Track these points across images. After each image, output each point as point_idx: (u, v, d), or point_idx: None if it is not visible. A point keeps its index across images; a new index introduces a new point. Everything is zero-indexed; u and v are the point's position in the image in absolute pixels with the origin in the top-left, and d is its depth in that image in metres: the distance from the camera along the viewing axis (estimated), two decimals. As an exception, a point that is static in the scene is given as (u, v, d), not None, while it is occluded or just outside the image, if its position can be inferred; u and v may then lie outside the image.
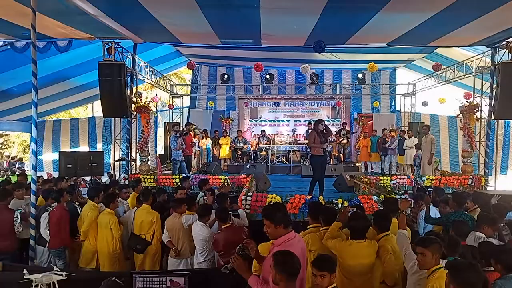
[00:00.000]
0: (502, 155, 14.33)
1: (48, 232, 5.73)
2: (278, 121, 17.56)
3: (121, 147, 11.09)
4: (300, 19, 8.20)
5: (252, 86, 16.62)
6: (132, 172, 10.70)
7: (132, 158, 11.03)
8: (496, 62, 9.79)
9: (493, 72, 9.89)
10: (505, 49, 9.44)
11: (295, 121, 17.43)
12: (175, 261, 5.25)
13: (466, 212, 5.15)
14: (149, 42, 10.59)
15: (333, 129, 16.36)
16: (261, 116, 17.54)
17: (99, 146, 15.87)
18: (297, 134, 16.67)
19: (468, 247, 3.99)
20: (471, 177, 10.01)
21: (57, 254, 5.74)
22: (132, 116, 10.71)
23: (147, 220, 5.67)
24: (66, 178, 8.46)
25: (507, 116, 9.96)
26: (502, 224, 4.89)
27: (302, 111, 17.52)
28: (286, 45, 11.02)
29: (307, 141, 9.97)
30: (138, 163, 11.27)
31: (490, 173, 10.57)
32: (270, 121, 17.55)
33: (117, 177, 10.88)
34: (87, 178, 11.56)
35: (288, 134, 17.06)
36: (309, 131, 12.62)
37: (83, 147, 16.14)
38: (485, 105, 10.58)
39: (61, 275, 3.97)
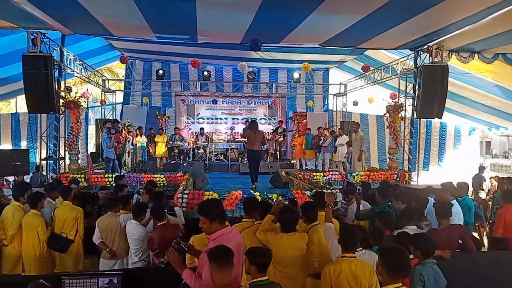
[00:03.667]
0: (424, 152, 15.44)
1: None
2: (216, 118, 17.50)
3: (48, 145, 10.45)
4: (237, 16, 8.23)
5: (189, 83, 16.43)
6: (61, 171, 10.12)
7: (60, 156, 10.42)
8: (419, 64, 10.47)
9: (416, 74, 10.58)
10: (426, 53, 10.11)
11: (233, 118, 17.49)
12: (109, 262, 5.05)
13: (390, 204, 5.49)
14: (78, 34, 10.05)
15: (270, 127, 16.71)
16: (199, 113, 17.38)
17: (23, 144, 14.78)
18: (235, 132, 16.75)
19: (392, 237, 4.27)
20: (396, 172, 10.64)
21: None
22: (61, 112, 10.11)
23: (71, 217, 5.48)
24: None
25: (428, 115, 10.61)
26: (423, 215, 5.27)
27: (240, 109, 17.62)
28: (223, 42, 11.02)
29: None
30: (68, 161, 10.68)
31: (413, 168, 11.33)
32: (208, 118, 17.43)
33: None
34: (10, 179, 10.75)
35: (226, 132, 17.09)
36: (246, 129, 12.85)
37: (6, 145, 14.95)
38: (409, 105, 11.27)
39: (-21, 281, 3.68)
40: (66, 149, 10.50)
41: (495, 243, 5.08)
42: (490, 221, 7.31)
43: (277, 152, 15.33)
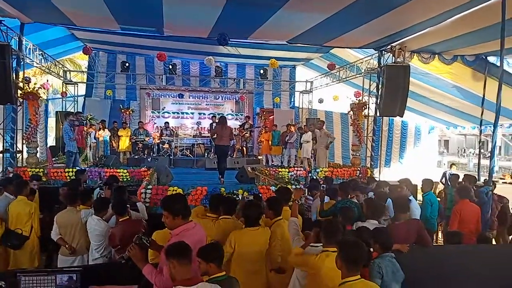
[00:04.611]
0: (386, 150, 15.86)
1: None
2: (182, 113, 17.27)
3: (4, 137, 10.00)
4: (204, 10, 8.15)
5: (155, 76, 16.14)
6: (18, 165, 9.71)
7: (17, 149, 10.00)
8: (382, 64, 10.76)
9: (379, 73, 10.87)
10: (389, 53, 10.39)
11: (200, 113, 17.32)
12: (69, 259, 4.89)
13: (352, 200, 5.62)
14: (38, 22, 9.65)
15: (237, 123, 16.68)
16: (164, 107, 17.09)
17: (-23, 137, 14.10)
18: (201, 127, 16.62)
19: (352, 232, 4.36)
20: (359, 169, 10.90)
21: None
22: (18, 104, 9.71)
23: (25, 212, 5.32)
24: None
25: (390, 113, 10.92)
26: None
27: (206, 104, 17.48)
28: (189, 36, 10.89)
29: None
30: (26, 155, 10.27)
31: (375, 165, 11.65)
32: (173, 113, 17.17)
33: (-1, 171, 9.84)
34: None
35: (192, 127, 16.92)
36: (213, 124, 12.87)
37: (-43, 137, 14.21)
38: (372, 103, 11.57)
39: None
40: (24, 142, 10.10)
41: (449, 237, 5.29)
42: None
43: (244, 148, 15.35)
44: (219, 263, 2.93)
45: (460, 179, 7.98)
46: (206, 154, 14.93)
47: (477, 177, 7.69)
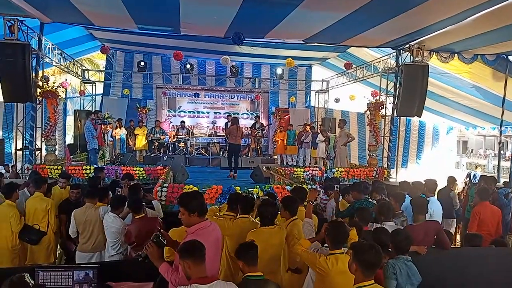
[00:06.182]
0: (403, 150, 15.67)
1: None
2: (198, 112, 17.30)
3: (24, 135, 10.20)
4: (220, 9, 8.16)
5: (171, 75, 16.23)
6: (37, 162, 9.89)
7: (36, 147, 10.19)
8: (400, 63, 10.61)
9: (397, 72, 10.72)
10: (407, 52, 10.24)
11: (215, 113, 17.33)
12: (87, 255, 4.96)
13: (369, 200, 5.54)
14: (58, 22, 9.80)
15: (251, 122, 16.66)
16: (180, 106, 17.16)
17: (-2, 134, 14.40)
18: (217, 126, 16.66)
19: (370, 233, 4.30)
20: (375, 169, 10.78)
21: None
22: (38, 102, 9.89)
23: (42, 208, 5.39)
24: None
25: (408, 113, 10.82)
26: (400, 211, 5.33)
27: (222, 103, 17.46)
28: (206, 35, 10.93)
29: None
30: (44, 152, 10.45)
31: (392, 166, 11.50)
32: (189, 112, 17.20)
33: (18, 168, 10.03)
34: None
35: (208, 126, 16.96)
36: (229, 123, 12.90)
37: (-21, 135, 14.53)
38: (389, 103, 11.41)
39: None
40: (42, 140, 10.28)
41: (469, 239, 5.18)
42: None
43: (258, 148, 15.34)
44: (248, 261, 3.02)
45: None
46: (221, 153, 14.96)
47: (496, 178, 7.53)
